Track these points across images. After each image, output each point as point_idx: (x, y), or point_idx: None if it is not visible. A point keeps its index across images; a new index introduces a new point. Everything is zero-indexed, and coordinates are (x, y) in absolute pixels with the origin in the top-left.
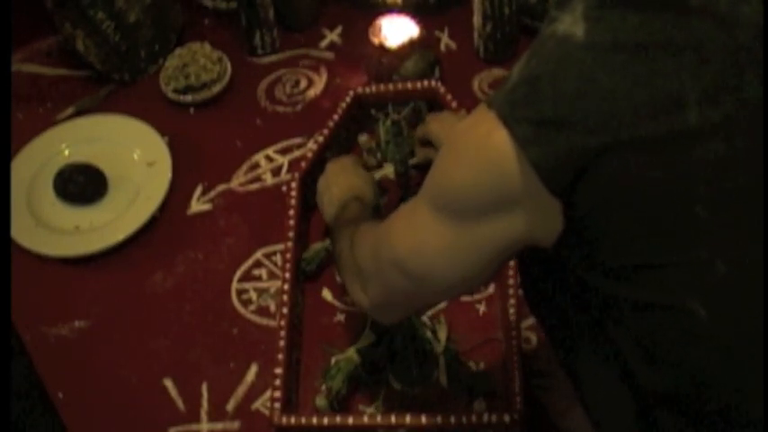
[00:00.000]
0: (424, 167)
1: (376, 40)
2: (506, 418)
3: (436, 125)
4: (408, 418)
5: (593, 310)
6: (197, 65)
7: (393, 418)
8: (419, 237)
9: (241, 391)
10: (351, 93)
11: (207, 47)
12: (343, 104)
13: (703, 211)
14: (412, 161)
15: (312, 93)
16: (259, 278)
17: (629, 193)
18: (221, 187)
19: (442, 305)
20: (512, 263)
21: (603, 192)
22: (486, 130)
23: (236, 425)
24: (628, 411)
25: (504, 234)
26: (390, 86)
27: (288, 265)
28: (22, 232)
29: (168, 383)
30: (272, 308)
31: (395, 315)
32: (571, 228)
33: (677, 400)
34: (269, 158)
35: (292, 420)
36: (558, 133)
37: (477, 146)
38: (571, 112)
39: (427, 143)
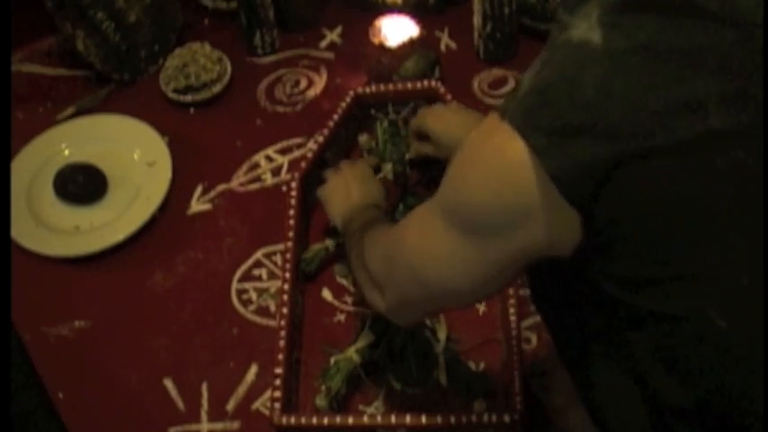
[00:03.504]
0: (419, 163)
1: (376, 40)
2: (506, 418)
3: (432, 119)
4: (408, 418)
5: (609, 317)
6: (197, 65)
7: (393, 418)
8: (433, 247)
9: (241, 391)
10: (351, 93)
11: (207, 47)
12: (343, 104)
13: (726, 221)
14: (407, 155)
15: (312, 93)
16: (259, 278)
17: (652, 203)
18: (221, 187)
19: None
20: None
21: (625, 201)
22: (499, 143)
23: (236, 425)
24: (641, 421)
25: (520, 247)
26: (390, 86)
27: (288, 265)
28: (22, 232)
29: (168, 383)
30: (272, 308)
31: (411, 318)
32: (590, 238)
33: (694, 411)
34: (269, 158)
35: (292, 420)
36: (576, 142)
37: (491, 160)
38: (590, 119)
39: (422, 137)
